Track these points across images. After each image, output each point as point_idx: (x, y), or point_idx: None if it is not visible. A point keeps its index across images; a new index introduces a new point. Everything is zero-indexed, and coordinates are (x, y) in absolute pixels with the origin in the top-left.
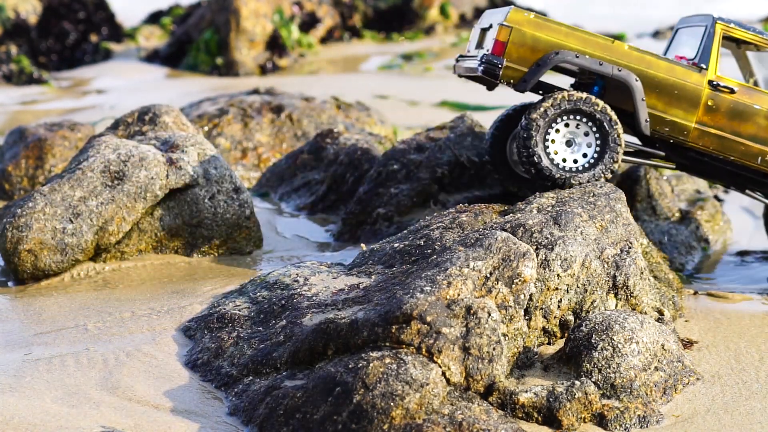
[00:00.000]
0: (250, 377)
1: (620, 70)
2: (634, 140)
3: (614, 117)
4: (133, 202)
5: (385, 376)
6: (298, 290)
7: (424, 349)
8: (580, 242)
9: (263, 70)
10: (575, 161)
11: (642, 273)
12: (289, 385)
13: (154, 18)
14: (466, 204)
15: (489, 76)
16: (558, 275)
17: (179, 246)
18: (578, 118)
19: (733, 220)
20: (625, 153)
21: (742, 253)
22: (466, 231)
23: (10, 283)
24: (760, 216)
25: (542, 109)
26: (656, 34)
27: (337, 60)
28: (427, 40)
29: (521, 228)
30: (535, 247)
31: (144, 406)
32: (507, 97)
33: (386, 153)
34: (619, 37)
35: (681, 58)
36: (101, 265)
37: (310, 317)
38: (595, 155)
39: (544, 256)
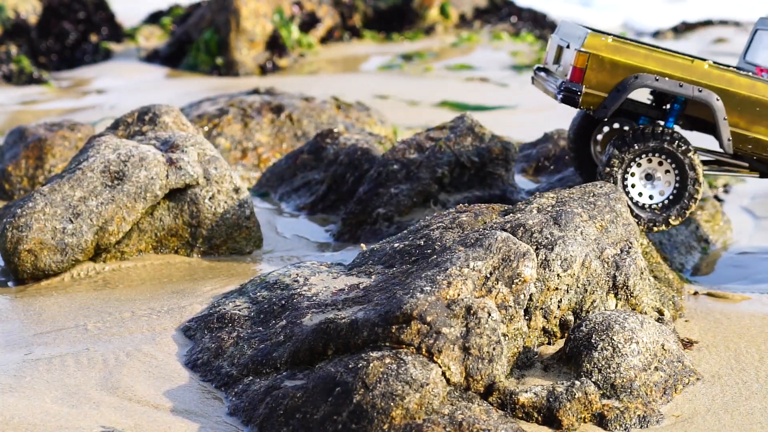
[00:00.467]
0: (250, 377)
1: (701, 91)
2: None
3: (698, 165)
4: (133, 202)
5: (385, 376)
6: (298, 290)
7: (424, 349)
8: (580, 242)
9: (263, 70)
10: (651, 197)
11: (642, 273)
12: (289, 385)
13: (154, 18)
14: (466, 204)
15: (569, 104)
16: (558, 275)
17: (179, 246)
18: (662, 156)
19: (733, 220)
20: (707, 162)
21: (742, 254)
22: (466, 231)
23: (10, 283)
24: (760, 216)
25: (627, 146)
26: (656, 34)
27: (337, 60)
28: (427, 40)
29: (521, 228)
30: (535, 247)
31: (144, 406)
32: (508, 98)
33: (386, 153)
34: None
35: (762, 71)
36: (101, 265)
37: (310, 317)
38: (671, 197)
39: (544, 256)
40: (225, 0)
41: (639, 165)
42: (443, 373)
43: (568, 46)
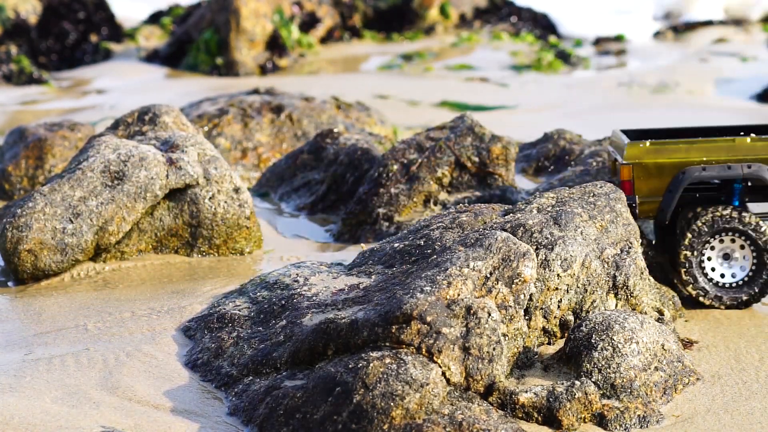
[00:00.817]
0: (250, 377)
1: (750, 167)
2: None
3: None
4: (133, 202)
5: (385, 376)
6: (298, 290)
7: (424, 349)
8: (580, 242)
9: (263, 70)
10: (734, 275)
11: (642, 273)
12: (289, 385)
13: (154, 18)
14: (466, 204)
15: None
16: (558, 275)
17: (179, 246)
18: (735, 234)
19: None
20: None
21: None
22: (466, 231)
23: (10, 283)
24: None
25: (699, 228)
26: (657, 34)
27: (337, 60)
28: (427, 40)
29: (521, 228)
30: (535, 247)
31: (144, 406)
32: (508, 98)
33: (386, 153)
34: (618, 38)
35: None
36: (101, 265)
37: (310, 317)
38: (750, 273)
39: (544, 256)
40: (225, 0)
41: (713, 248)
42: (443, 373)
43: (616, 160)
